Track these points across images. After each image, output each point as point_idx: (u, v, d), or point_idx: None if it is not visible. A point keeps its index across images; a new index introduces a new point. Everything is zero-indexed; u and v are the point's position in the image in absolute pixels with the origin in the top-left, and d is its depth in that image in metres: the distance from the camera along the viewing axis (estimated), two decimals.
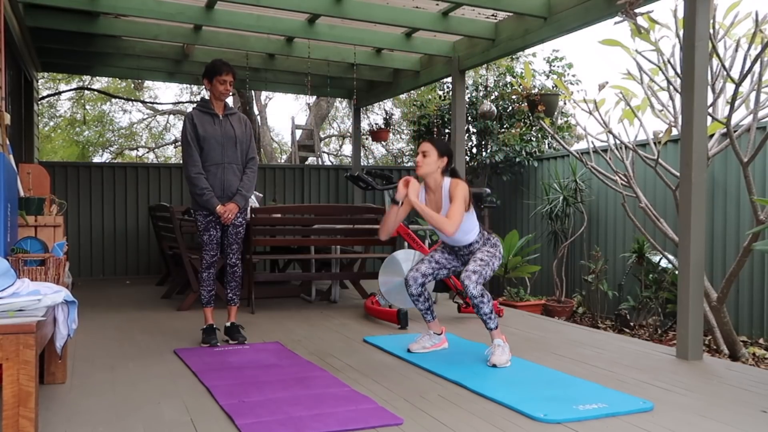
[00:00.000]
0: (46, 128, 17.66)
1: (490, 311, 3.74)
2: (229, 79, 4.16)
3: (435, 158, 3.81)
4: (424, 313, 4.06)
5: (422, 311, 4.05)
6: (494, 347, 3.75)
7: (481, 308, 3.72)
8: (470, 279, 3.66)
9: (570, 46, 25.01)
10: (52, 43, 6.63)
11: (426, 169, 3.82)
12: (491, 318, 3.75)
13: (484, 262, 3.76)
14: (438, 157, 3.81)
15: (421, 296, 3.99)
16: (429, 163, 3.81)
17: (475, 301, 3.69)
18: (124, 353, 3.99)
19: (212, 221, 4.21)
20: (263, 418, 2.71)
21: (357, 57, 7.15)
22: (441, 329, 4.11)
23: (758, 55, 4.56)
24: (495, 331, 3.79)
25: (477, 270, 3.70)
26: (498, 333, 3.80)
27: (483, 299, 3.70)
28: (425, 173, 3.83)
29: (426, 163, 3.81)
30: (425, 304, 4.03)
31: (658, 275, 6.19)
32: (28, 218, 3.40)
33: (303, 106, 21.34)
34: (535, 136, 8.51)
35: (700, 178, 3.93)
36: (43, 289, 2.44)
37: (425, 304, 4.03)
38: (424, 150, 3.84)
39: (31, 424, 2.12)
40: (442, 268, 4.01)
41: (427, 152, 3.82)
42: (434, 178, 3.84)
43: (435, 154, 3.81)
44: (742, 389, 3.25)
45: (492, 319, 3.75)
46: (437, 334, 4.09)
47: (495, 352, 3.73)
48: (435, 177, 3.84)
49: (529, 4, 5.31)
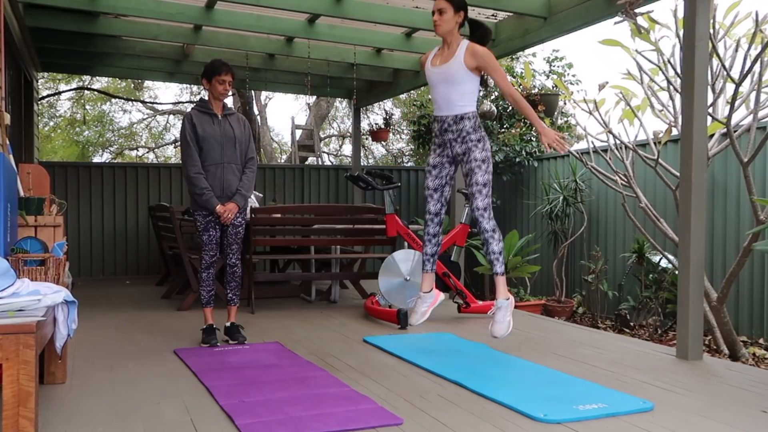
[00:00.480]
0: (46, 128, 17.66)
1: (499, 252, 3.69)
2: (228, 78, 4.17)
3: (452, 14, 3.72)
4: (427, 259, 3.98)
5: (427, 255, 3.96)
6: (497, 310, 3.69)
7: (490, 244, 3.67)
8: (483, 216, 3.66)
9: (570, 46, 25.02)
10: (52, 43, 6.63)
11: (445, 27, 3.72)
12: (499, 260, 3.69)
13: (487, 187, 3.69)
14: (455, 12, 3.73)
15: (436, 237, 3.93)
16: (447, 20, 3.72)
17: (486, 235, 3.67)
18: (124, 353, 3.99)
19: (212, 221, 4.21)
20: (263, 418, 2.71)
21: (357, 57, 7.15)
22: (431, 285, 4.01)
23: (758, 55, 4.56)
24: (501, 278, 3.71)
25: (487, 204, 3.67)
26: (503, 284, 3.72)
27: (494, 235, 3.67)
28: (445, 31, 3.73)
29: (444, 20, 3.71)
30: (434, 248, 3.95)
31: (658, 275, 6.19)
32: (28, 218, 3.40)
33: (303, 106, 21.35)
34: (535, 136, 8.51)
35: (700, 178, 3.93)
36: (43, 289, 2.44)
37: (434, 248, 3.95)
38: (439, 8, 3.71)
39: (31, 424, 2.12)
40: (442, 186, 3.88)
41: (444, 9, 3.71)
42: (453, 35, 3.75)
43: (451, 10, 3.72)
44: (742, 389, 3.25)
45: (500, 262, 3.69)
46: (426, 293, 3.99)
47: (496, 317, 3.68)
48: (454, 33, 3.75)
49: (529, 4, 5.31)
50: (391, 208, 5.27)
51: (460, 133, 3.75)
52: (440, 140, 3.85)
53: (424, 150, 9.70)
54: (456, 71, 3.71)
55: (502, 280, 3.73)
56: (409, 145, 16.11)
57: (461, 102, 3.74)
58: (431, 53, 3.92)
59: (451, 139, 3.78)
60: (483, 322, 5.09)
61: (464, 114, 3.74)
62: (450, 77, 3.73)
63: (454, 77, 3.72)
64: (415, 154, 14.69)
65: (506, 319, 3.70)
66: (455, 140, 3.77)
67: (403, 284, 4.95)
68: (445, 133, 3.80)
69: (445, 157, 3.86)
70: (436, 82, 3.80)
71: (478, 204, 3.67)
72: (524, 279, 7.80)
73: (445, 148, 3.84)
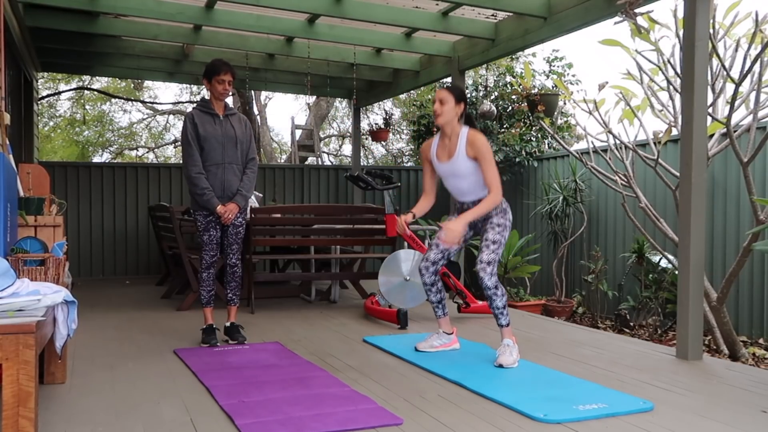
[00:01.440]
0: (46, 128, 17.66)
1: (503, 306, 3.70)
2: (228, 78, 4.16)
3: (453, 105, 3.79)
4: (436, 306, 4.00)
5: (434, 303, 3.99)
6: (503, 347, 3.71)
7: (494, 301, 3.68)
8: (485, 271, 3.64)
9: (570, 46, 25.02)
10: (52, 43, 6.63)
11: (446, 118, 3.80)
12: (503, 314, 3.71)
13: (496, 245, 3.70)
14: (455, 104, 3.80)
15: (434, 286, 3.93)
16: (447, 110, 3.79)
17: (488, 293, 3.66)
18: (124, 353, 3.99)
19: (212, 221, 4.21)
20: (263, 418, 2.71)
21: (357, 57, 7.15)
22: (452, 329, 4.07)
23: (758, 55, 4.56)
24: (506, 329, 3.74)
25: (491, 260, 3.67)
26: (509, 332, 3.76)
27: (497, 291, 3.67)
28: (445, 122, 3.81)
29: (445, 111, 3.79)
30: (437, 296, 3.97)
31: (658, 275, 6.19)
32: (28, 218, 3.40)
33: (303, 106, 21.35)
34: (535, 136, 8.51)
35: (700, 178, 3.93)
36: (42, 289, 2.44)
37: (437, 296, 3.97)
38: (441, 98, 3.81)
39: (30, 423, 2.12)
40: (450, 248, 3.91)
41: (444, 99, 3.80)
42: (452, 125, 3.82)
43: (452, 101, 3.79)
44: (742, 389, 3.25)
45: (504, 315, 3.72)
46: (447, 334, 4.04)
47: (504, 352, 3.69)
48: (453, 124, 3.82)
49: (529, 4, 5.31)
50: (391, 208, 5.27)
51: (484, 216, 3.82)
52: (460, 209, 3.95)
53: None
54: (462, 166, 3.79)
55: (508, 331, 3.77)
56: (408, 145, 16.10)
57: (474, 188, 3.84)
58: (433, 144, 3.96)
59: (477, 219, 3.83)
60: (483, 322, 5.09)
61: (481, 198, 3.83)
62: (457, 172, 3.82)
63: (461, 172, 3.81)
64: (414, 154, 14.68)
65: (513, 354, 3.71)
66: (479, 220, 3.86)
67: (403, 284, 4.95)
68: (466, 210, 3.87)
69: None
70: (446, 176, 3.90)
71: (483, 257, 3.69)
72: (524, 279, 7.80)
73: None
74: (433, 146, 3.96)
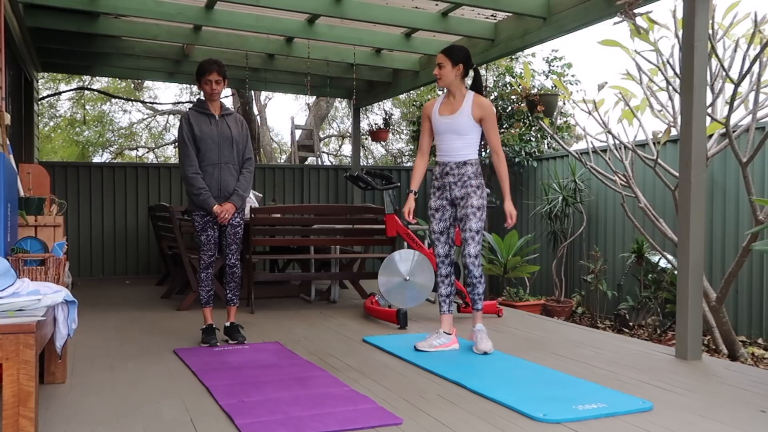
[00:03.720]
0: (46, 128, 17.66)
1: (482, 291, 4.00)
2: (215, 78, 4.13)
3: (450, 67, 3.94)
4: (444, 300, 4.08)
5: (443, 296, 4.08)
6: (480, 333, 3.96)
7: (477, 287, 3.97)
8: (474, 264, 3.92)
9: (569, 46, 25.02)
10: (52, 43, 6.64)
11: (446, 80, 3.98)
12: (482, 299, 4.00)
13: (479, 234, 3.93)
14: (453, 66, 3.94)
15: (448, 278, 4.08)
16: (446, 73, 3.96)
17: (474, 281, 3.95)
18: (124, 353, 4.00)
19: (209, 221, 4.21)
20: (263, 418, 2.72)
21: (356, 57, 7.15)
22: (452, 329, 4.11)
23: (757, 55, 4.57)
24: (479, 313, 4.03)
25: (479, 252, 3.94)
26: (481, 316, 4.05)
27: (481, 279, 3.98)
28: (447, 83, 3.99)
29: (443, 74, 3.96)
30: (448, 289, 4.08)
31: (657, 275, 6.19)
32: (28, 218, 3.41)
33: (302, 106, 21.35)
34: (535, 136, 8.52)
35: (700, 179, 3.93)
36: (42, 289, 2.45)
37: (448, 288, 4.08)
38: (439, 62, 3.98)
39: (30, 423, 2.12)
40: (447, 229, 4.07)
41: (442, 63, 3.97)
42: (456, 86, 3.98)
43: (449, 64, 3.94)
44: (741, 389, 3.26)
45: (481, 300, 4.01)
46: (447, 334, 4.07)
47: (482, 338, 3.93)
48: (456, 84, 3.98)
49: (529, 5, 5.32)
50: (391, 208, 5.28)
51: (461, 177, 3.95)
52: (440, 183, 4.03)
53: None
54: (464, 122, 3.93)
55: (480, 315, 4.06)
56: (408, 145, 16.10)
57: (465, 150, 3.97)
58: (437, 101, 4.09)
59: (452, 182, 3.98)
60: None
61: (467, 161, 3.96)
62: (457, 127, 3.94)
63: (461, 128, 3.94)
64: (414, 154, 14.69)
65: (488, 336, 3.99)
66: (455, 183, 3.97)
67: (402, 284, 4.96)
68: (446, 176, 3.99)
69: (445, 199, 4.04)
70: (444, 131, 3.99)
71: (470, 251, 3.92)
72: (523, 279, 7.81)
73: (444, 191, 4.02)
74: (436, 104, 4.08)
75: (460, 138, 3.94)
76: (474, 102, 3.93)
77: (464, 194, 3.94)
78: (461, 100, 3.97)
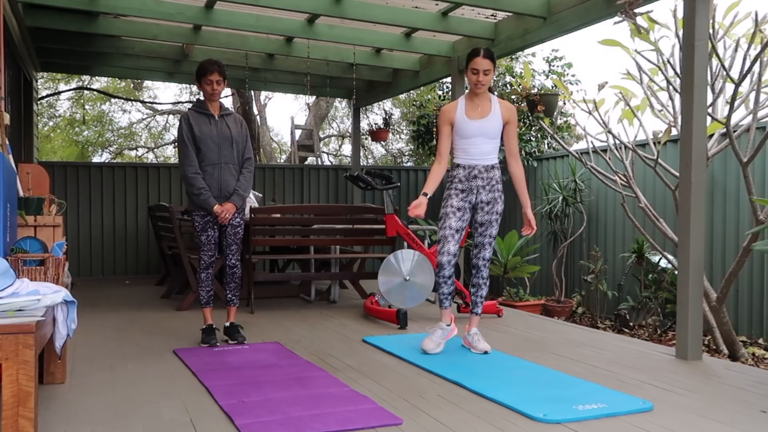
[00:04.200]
0: (46, 128, 17.65)
1: (485, 295, 4.08)
2: (215, 78, 4.13)
3: (493, 72, 3.91)
4: (446, 297, 4.05)
5: (445, 295, 4.05)
6: (476, 336, 4.01)
7: (482, 290, 4.05)
8: (486, 267, 4.03)
9: (570, 46, 25.02)
10: (52, 43, 6.63)
11: (488, 86, 3.93)
12: (482, 302, 4.09)
13: (494, 240, 4.03)
14: (494, 69, 3.91)
15: (451, 278, 4.04)
16: (490, 79, 3.92)
17: (481, 282, 4.03)
18: (124, 353, 3.99)
19: (209, 221, 4.21)
20: (262, 418, 2.71)
21: (356, 57, 7.15)
22: (450, 319, 4.10)
23: (758, 55, 4.57)
24: (477, 317, 4.10)
25: (490, 257, 4.04)
26: (478, 321, 4.12)
27: (487, 281, 4.07)
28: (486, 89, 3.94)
29: (489, 80, 3.90)
30: (450, 288, 4.06)
31: (657, 275, 6.19)
32: (28, 218, 3.40)
33: (302, 106, 21.36)
34: (535, 136, 8.51)
35: (700, 178, 3.93)
36: (42, 289, 2.44)
37: (450, 288, 4.06)
38: (486, 68, 3.85)
39: (30, 423, 2.12)
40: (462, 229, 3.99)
41: (489, 70, 3.86)
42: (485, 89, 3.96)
43: (493, 68, 3.90)
44: (742, 389, 3.26)
45: (482, 304, 4.10)
46: (447, 325, 4.06)
47: (479, 339, 3.99)
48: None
49: (529, 4, 5.31)
50: (391, 208, 5.27)
51: (490, 181, 3.96)
52: (466, 186, 3.96)
53: (423, 150, 9.70)
54: (496, 125, 3.93)
55: (478, 319, 4.13)
56: (408, 145, 16.11)
57: (494, 154, 3.97)
58: (458, 105, 3.98)
59: (480, 186, 3.94)
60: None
61: (495, 164, 3.97)
62: (490, 131, 3.91)
63: (493, 131, 3.92)
64: (414, 154, 14.69)
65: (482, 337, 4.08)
66: (483, 187, 3.95)
67: (402, 284, 4.95)
68: (474, 179, 3.94)
69: (468, 202, 3.98)
70: (474, 135, 3.92)
71: (486, 255, 4.02)
72: (524, 279, 7.81)
73: (469, 194, 3.96)
74: (459, 107, 3.97)
75: (491, 141, 3.91)
76: (503, 106, 3.93)
77: (491, 199, 3.94)
78: (488, 103, 3.92)
